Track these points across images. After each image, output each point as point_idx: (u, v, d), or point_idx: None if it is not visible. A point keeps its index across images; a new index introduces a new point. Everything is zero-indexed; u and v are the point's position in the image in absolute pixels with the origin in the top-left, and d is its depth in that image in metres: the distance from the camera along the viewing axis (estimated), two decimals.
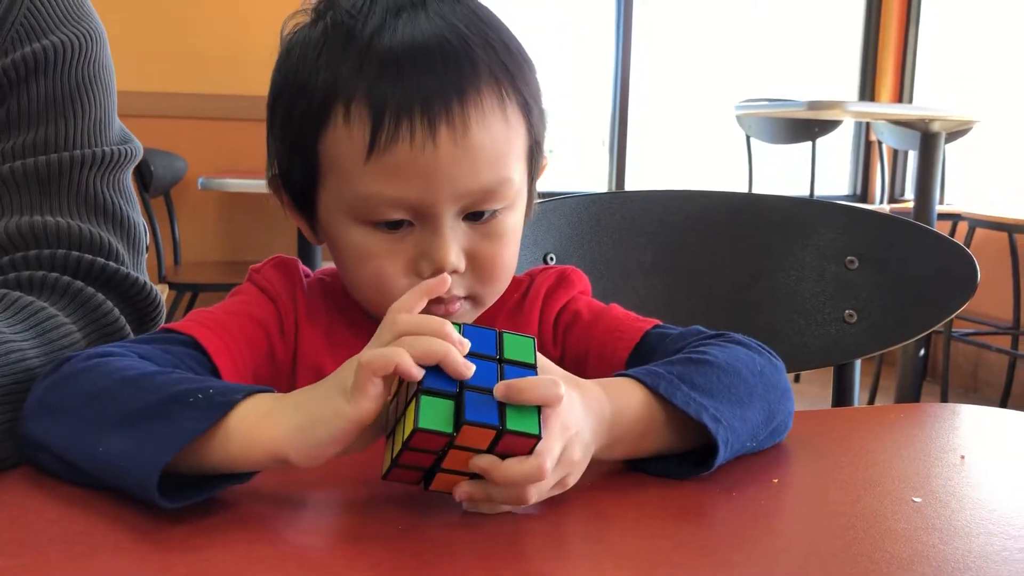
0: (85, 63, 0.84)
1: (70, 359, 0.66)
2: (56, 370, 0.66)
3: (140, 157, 0.89)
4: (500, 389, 0.56)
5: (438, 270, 0.70)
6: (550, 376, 0.59)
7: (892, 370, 3.48)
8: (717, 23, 4.47)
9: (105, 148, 0.84)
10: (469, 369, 0.56)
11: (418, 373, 0.55)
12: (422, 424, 0.54)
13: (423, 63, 0.67)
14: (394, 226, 0.70)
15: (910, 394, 3.16)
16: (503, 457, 0.56)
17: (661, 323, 0.80)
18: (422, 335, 0.57)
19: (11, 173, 0.81)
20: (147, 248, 0.89)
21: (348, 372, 0.58)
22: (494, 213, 0.72)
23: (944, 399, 3.62)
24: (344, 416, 0.56)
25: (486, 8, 0.74)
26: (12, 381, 0.68)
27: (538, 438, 0.56)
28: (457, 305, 0.73)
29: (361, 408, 0.56)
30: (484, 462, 0.56)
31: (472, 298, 0.74)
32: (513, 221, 0.75)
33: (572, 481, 0.61)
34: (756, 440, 0.71)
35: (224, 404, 0.58)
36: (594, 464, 0.64)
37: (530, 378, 0.57)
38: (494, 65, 0.70)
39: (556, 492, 0.60)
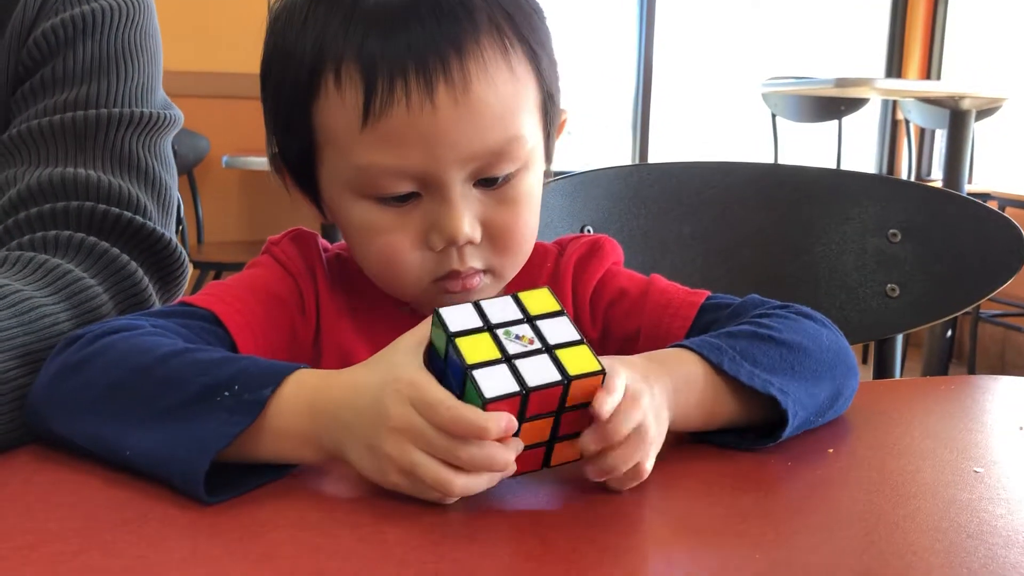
0: (131, 28, 0.84)
1: (79, 338, 0.62)
2: (64, 351, 0.62)
3: (180, 124, 0.88)
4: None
5: (451, 242, 0.66)
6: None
7: (918, 352, 3.45)
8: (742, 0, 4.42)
9: (145, 110, 0.83)
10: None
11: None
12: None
13: (413, 17, 0.62)
14: (401, 199, 0.66)
15: (937, 375, 3.13)
16: (575, 408, 0.55)
17: (712, 294, 0.77)
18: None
19: (49, 126, 0.80)
20: (181, 219, 0.87)
21: (397, 372, 0.55)
22: (507, 177, 0.67)
23: None
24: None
25: None
26: (47, 346, 0.66)
27: (603, 372, 0.54)
28: (476, 280, 0.69)
29: None
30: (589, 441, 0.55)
31: (491, 271, 0.70)
32: (529, 184, 0.69)
33: (652, 446, 0.58)
34: (822, 416, 0.69)
35: (254, 404, 0.56)
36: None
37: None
38: (494, 12, 0.65)
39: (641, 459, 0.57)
